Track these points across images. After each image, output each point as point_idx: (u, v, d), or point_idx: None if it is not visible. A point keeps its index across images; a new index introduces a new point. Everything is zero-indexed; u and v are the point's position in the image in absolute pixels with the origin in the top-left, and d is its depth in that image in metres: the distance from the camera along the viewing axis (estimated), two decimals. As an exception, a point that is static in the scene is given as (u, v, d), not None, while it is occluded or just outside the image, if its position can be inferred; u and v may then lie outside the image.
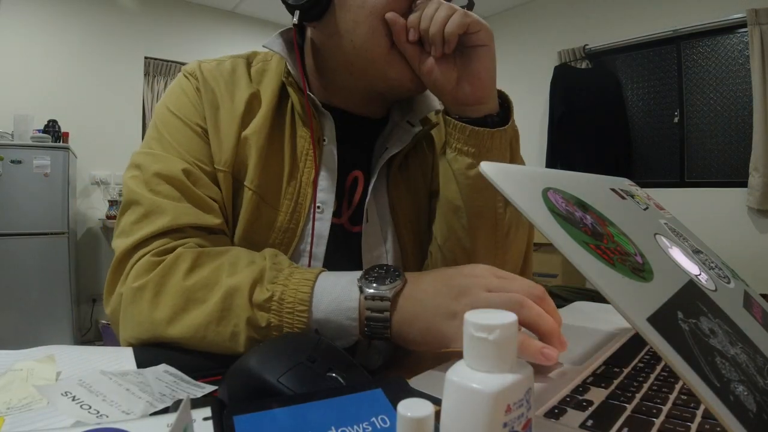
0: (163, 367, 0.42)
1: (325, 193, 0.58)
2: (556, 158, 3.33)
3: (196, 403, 0.30)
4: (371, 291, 0.44)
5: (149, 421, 0.29)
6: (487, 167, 0.28)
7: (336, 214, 0.59)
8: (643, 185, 0.55)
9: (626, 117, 3.13)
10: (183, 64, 3.55)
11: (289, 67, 0.57)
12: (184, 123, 0.55)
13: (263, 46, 0.59)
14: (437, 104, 0.63)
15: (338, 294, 0.44)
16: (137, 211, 0.51)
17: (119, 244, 0.51)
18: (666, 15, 2.88)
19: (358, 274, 0.46)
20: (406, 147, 0.61)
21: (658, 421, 0.31)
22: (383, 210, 0.62)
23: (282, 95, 0.59)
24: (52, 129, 2.90)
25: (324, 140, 0.58)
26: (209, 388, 0.38)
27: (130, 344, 0.47)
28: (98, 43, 3.30)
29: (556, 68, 3.34)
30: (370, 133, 0.63)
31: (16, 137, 2.72)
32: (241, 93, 0.57)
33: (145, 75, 3.48)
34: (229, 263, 0.47)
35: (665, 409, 0.33)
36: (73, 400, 0.33)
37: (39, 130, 2.84)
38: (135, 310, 0.47)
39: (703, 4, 2.73)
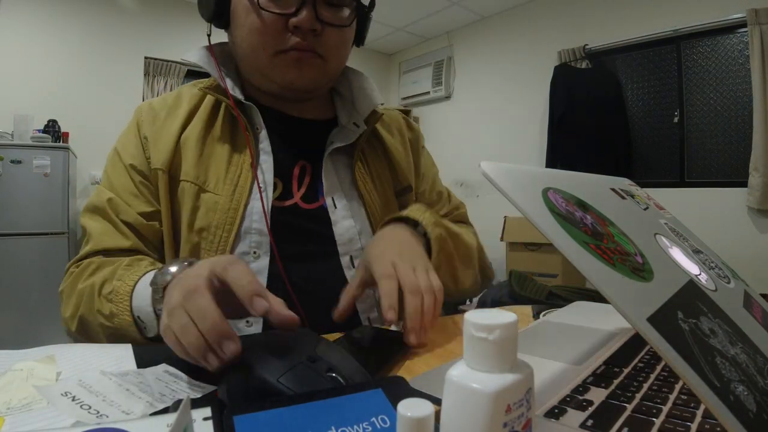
0: (163, 366, 0.42)
1: (265, 175, 0.65)
2: (556, 158, 3.32)
3: (196, 403, 0.30)
4: (154, 284, 0.48)
5: (149, 421, 0.29)
6: (487, 167, 0.27)
7: (286, 196, 0.67)
8: (643, 185, 0.55)
9: (626, 117, 3.13)
10: (183, 64, 3.57)
11: (209, 70, 0.67)
12: (120, 159, 0.67)
13: (181, 58, 0.73)
14: (378, 100, 0.73)
15: (139, 287, 0.52)
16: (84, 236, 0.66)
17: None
18: (666, 15, 2.88)
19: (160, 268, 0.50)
20: (359, 142, 0.71)
21: (658, 421, 0.31)
22: (351, 193, 0.71)
23: (217, 105, 0.69)
24: (52, 129, 2.90)
25: (257, 128, 0.67)
26: (209, 388, 0.38)
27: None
28: (98, 43, 3.30)
29: (556, 68, 3.34)
30: (317, 132, 0.72)
31: (16, 137, 2.72)
32: (182, 110, 0.68)
33: (145, 75, 3.48)
34: (103, 268, 0.59)
35: (665, 409, 0.33)
36: (73, 400, 0.33)
37: (39, 130, 2.84)
38: (62, 306, 0.65)
39: (703, 4, 2.73)
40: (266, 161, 0.66)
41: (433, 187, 0.84)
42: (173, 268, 0.47)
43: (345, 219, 0.68)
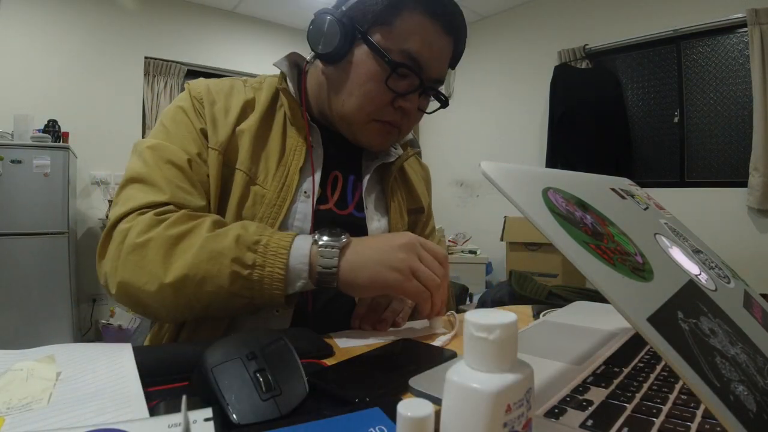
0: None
1: (310, 183, 0.69)
2: (556, 158, 3.32)
3: (197, 404, 0.30)
4: (322, 241, 0.56)
5: (149, 421, 0.29)
6: (487, 167, 0.27)
7: (322, 201, 0.71)
8: (643, 185, 0.55)
9: (626, 117, 3.12)
10: (183, 64, 3.57)
11: (289, 83, 0.71)
12: (186, 123, 0.67)
13: (273, 64, 0.73)
14: (411, 132, 0.81)
15: (296, 245, 0.56)
16: (139, 186, 0.61)
17: (114, 213, 0.60)
18: (666, 15, 2.88)
19: (316, 232, 0.58)
20: (397, 161, 0.79)
21: (658, 421, 0.31)
22: (380, 203, 0.77)
23: (274, 102, 0.72)
24: (52, 129, 2.90)
25: (313, 145, 0.71)
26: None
27: (124, 292, 0.56)
28: (98, 43, 3.30)
29: (556, 68, 3.33)
30: (351, 148, 0.75)
31: (16, 137, 2.72)
32: (237, 100, 0.70)
33: (145, 75, 3.48)
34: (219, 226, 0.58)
35: (665, 409, 0.33)
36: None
37: (39, 130, 2.84)
38: (143, 260, 0.54)
39: (703, 4, 2.73)
40: (316, 172, 0.70)
41: (431, 223, 0.93)
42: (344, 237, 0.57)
43: (374, 221, 0.75)
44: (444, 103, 0.74)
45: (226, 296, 0.54)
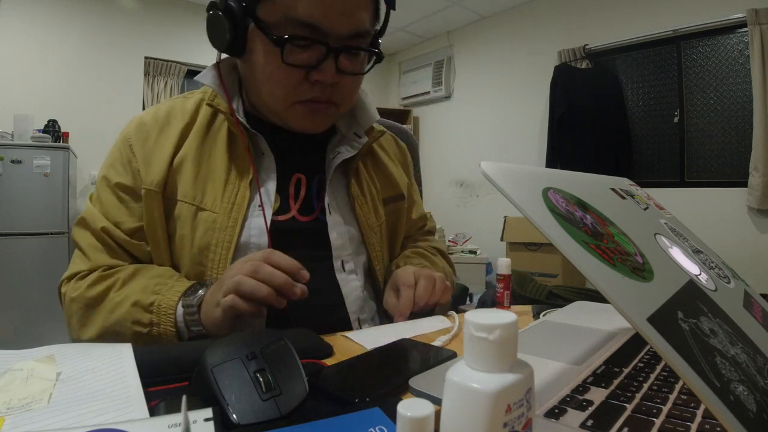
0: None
1: (266, 195, 0.66)
2: (556, 158, 3.32)
3: (198, 404, 0.30)
4: (184, 302, 0.57)
5: (149, 421, 0.29)
6: (487, 167, 0.27)
7: (283, 210, 0.68)
8: (643, 185, 0.55)
9: (626, 117, 3.12)
10: (183, 64, 3.57)
11: (222, 94, 0.66)
12: (106, 180, 0.67)
13: (194, 79, 0.70)
14: (376, 116, 0.76)
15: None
16: (76, 251, 0.68)
17: (66, 272, 0.69)
18: (666, 15, 2.88)
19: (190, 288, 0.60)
20: (359, 153, 0.73)
21: (658, 421, 0.31)
22: (342, 204, 0.72)
23: (213, 119, 0.69)
24: (52, 129, 2.90)
25: (262, 153, 0.68)
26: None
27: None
28: (98, 43, 3.30)
29: (556, 68, 3.33)
30: (313, 143, 0.72)
31: (16, 137, 2.72)
32: (174, 128, 0.67)
33: (145, 75, 3.48)
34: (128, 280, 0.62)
35: (665, 409, 0.33)
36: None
37: (39, 130, 2.84)
38: (71, 322, 0.65)
39: (703, 4, 2.73)
40: (269, 181, 0.67)
41: (419, 210, 0.90)
42: (201, 291, 0.58)
43: (339, 225, 0.70)
44: (377, 56, 0.66)
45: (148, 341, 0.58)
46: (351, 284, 0.70)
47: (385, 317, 0.74)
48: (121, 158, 0.67)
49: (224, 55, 0.67)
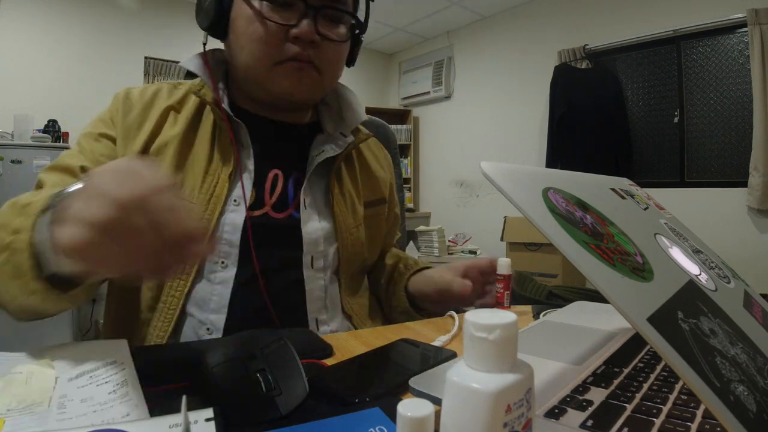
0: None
1: (245, 188, 0.65)
2: (556, 158, 3.32)
3: (198, 404, 0.30)
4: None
5: (149, 421, 0.29)
6: (487, 167, 0.27)
7: (257, 206, 0.67)
8: (643, 185, 0.55)
9: (626, 117, 3.12)
10: (183, 64, 3.57)
11: (207, 81, 0.67)
12: (95, 137, 0.65)
13: (179, 64, 0.71)
14: (363, 116, 0.76)
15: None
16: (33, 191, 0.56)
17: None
18: (666, 15, 2.87)
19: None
20: (343, 152, 0.73)
21: (658, 421, 0.31)
22: (320, 201, 0.72)
23: (201, 108, 0.68)
24: (52, 129, 2.90)
25: (242, 146, 0.67)
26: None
27: None
28: (98, 43, 3.30)
29: (556, 68, 3.33)
30: (295, 137, 0.73)
31: (16, 137, 2.71)
32: (157, 108, 0.67)
33: (145, 75, 3.48)
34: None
35: (665, 409, 0.33)
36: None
37: (39, 130, 2.84)
38: None
39: (703, 4, 2.73)
40: (247, 176, 0.67)
41: (394, 210, 0.89)
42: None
43: (314, 221, 0.70)
44: (358, 23, 0.69)
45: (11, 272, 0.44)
46: (316, 282, 0.69)
47: (349, 322, 0.72)
48: (104, 122, 0.67)
49: (209, 46, 0.70)
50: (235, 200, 0.65)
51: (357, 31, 0.71)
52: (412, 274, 0.79)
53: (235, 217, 0.64)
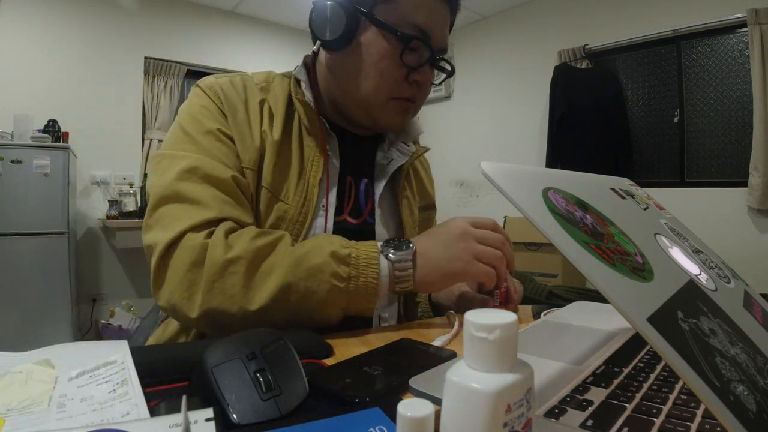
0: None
1: (330, 193, 0.69)
2: (556, 158, 3.32)
3: (198, 404, 0.30)
4: (394, 257, 0.58)
5: (149, 421, 0.29)
6: (487, 167, 0.27)
7: (338, 211, 0.70)
8: (643, 185, 0.55)
9: (626, 117, 3.12)
10: (183, 64, 3.57)
11: (304, 90, 0.69)
12: (215, 134, 0.62)
13: (294, 75, 0.71)
14: (422, 129, 0.81)
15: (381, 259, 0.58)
16: (178, 206, 0.56)
17: (160, 237, 0.55)
18: (666, 15, 2.87)
19: (380, 244, 0.59)
20: (410, 161, 0.77)
21: (658, 421, 0.31)
22: (391, 208, 0.76)
23: (290, 108, 0.70)
24: (52, 129, 2.89)
25: (329, 153, 0.70)
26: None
27: (207, 316, 0.54)
28: (98, 43, 3.30)
29: (556, 68, 3.33)
30: (363, 148, 0.77)
31: (16, 137, 2.71)
32: (253, 101, 0.67)
33: (145, 75, 3.48)
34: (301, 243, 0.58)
35: (665, 409, 0.33)
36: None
37: (39, 130, 2.83)
38: (226, 284, 0.53)
39: (703, 4, 2.73)
40: (333, 180, 0.70)
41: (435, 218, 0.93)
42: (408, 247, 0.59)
43: (384, 226, 0.74)
44: (451, 71, 0.74)
45: (322, 308, 0.56)
46: None
47: (405, 319, 0.78)
48: (214, 117, 0.63)
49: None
50: (322, 205, 0.68)
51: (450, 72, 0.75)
52: None
53: (322, 221, 0.67)
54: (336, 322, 0.59)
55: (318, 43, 0.69)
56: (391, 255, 0.58)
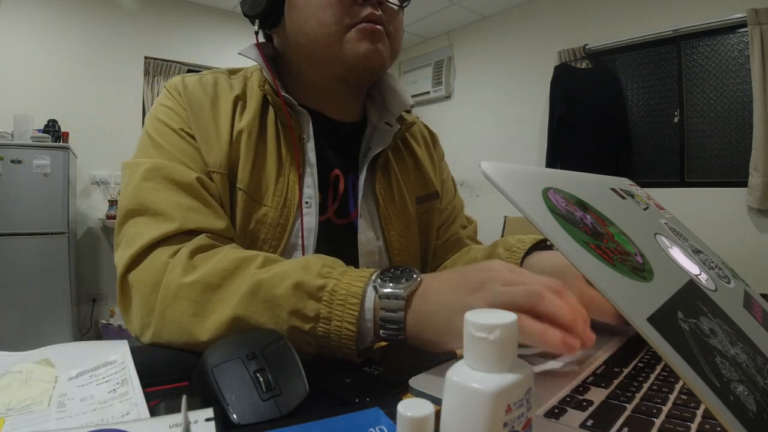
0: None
1: (310, 189, 0.61)
2: (556, 158, 3.32)
3: (198, 404, 0.30)
4: (386, 290, 0.42)
5: (150, 421, 0.29)
6: (487, 167, 0.27)
7: (322, 210, 0.63)
8: (643, 185, 0.55)
9: (626, 117, 3.12)
10: (183, 64, 3.57)
11: (264, 73, 0.62)
12: (178, 133, 0.57)
13: (238, 53, 0.65)
14: (410, 101, 0.69)
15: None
16: (141, 219, 0.51)
17: (125, 254, 0.50)
18: (666, 15, 2.87)
19: (375, 273, 0.45)
20: (389, 146, 0.67)
21: (658, 421, 0.31)
22: (371, 206, 0.67)
23: (265, 103, 0.63)
24: (52, 129, 2.90)
25: (303, 138, 0.62)
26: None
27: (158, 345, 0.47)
28: (98, 43, 3.30)
29: (556, 68, 3.33)
30: (348, 136, 0.68)
31: (16, 137, 2.72)
32: (225, 99, 0.61)
33: (145, 75, 3.48)
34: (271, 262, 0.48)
35: (665, 409, 0.33)
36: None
37: (39, 130, 2.84)
38: (176, 311, 0.45)
39: (703, 4, 2.73)
40: (310, 174, 0.62)
41: (454, 201, 0.84)
42: (410, 280, 0.43)
43: (368, 230, 0.66)
44: None
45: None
46: None
47: None
48: (177, 115, 0.59)
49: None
50: (306, 202, 0.61)
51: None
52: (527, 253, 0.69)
53: (310, 220, 0.61)
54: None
55: (257, 24, 0.63)
56: (382, 290, 0.42)
